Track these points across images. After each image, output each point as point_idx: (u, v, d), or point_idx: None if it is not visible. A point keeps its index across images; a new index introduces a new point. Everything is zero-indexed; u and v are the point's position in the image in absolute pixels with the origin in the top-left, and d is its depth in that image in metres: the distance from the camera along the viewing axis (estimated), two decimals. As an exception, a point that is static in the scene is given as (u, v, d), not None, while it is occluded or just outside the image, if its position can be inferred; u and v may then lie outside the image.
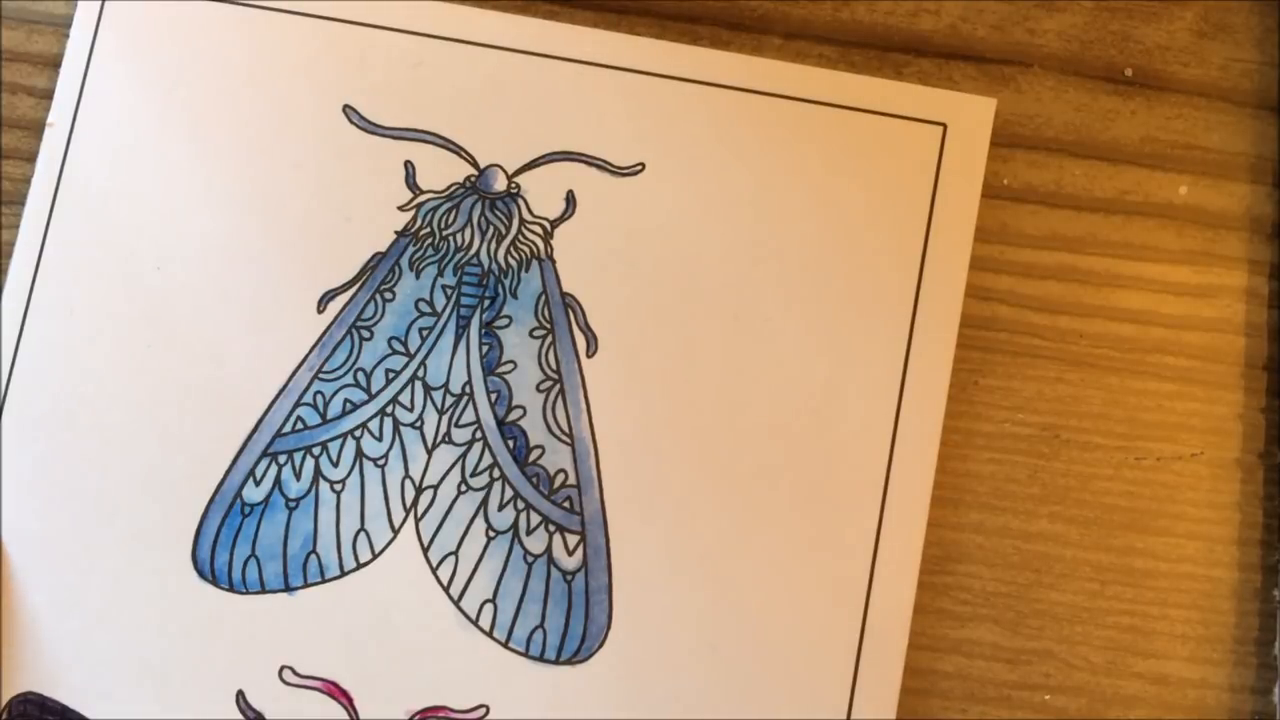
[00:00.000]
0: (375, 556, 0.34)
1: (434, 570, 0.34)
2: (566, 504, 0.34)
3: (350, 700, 0.33)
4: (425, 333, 0.35)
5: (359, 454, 0.35)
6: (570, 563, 0.34)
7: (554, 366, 0.35)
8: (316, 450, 0.35)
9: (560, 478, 0.35)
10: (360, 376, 0.35)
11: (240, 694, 0.33)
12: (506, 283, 0.36)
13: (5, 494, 0.34)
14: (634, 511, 0.34)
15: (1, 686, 0.33)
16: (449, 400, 0.35)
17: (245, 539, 0.34)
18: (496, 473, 0.35)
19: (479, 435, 0.35)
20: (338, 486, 0.34)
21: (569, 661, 0.34)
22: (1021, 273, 0.36)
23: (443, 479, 0.35)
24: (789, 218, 0.35)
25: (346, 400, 0.35)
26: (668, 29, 0.37)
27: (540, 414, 0.35)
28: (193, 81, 0.36)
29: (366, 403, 0.35)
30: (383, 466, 0.35)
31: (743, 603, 0.34)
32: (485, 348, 0.35)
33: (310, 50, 0.36)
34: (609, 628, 0.34)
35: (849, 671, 0.34)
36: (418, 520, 0.34)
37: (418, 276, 0.35)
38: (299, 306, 0.35)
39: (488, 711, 0.33)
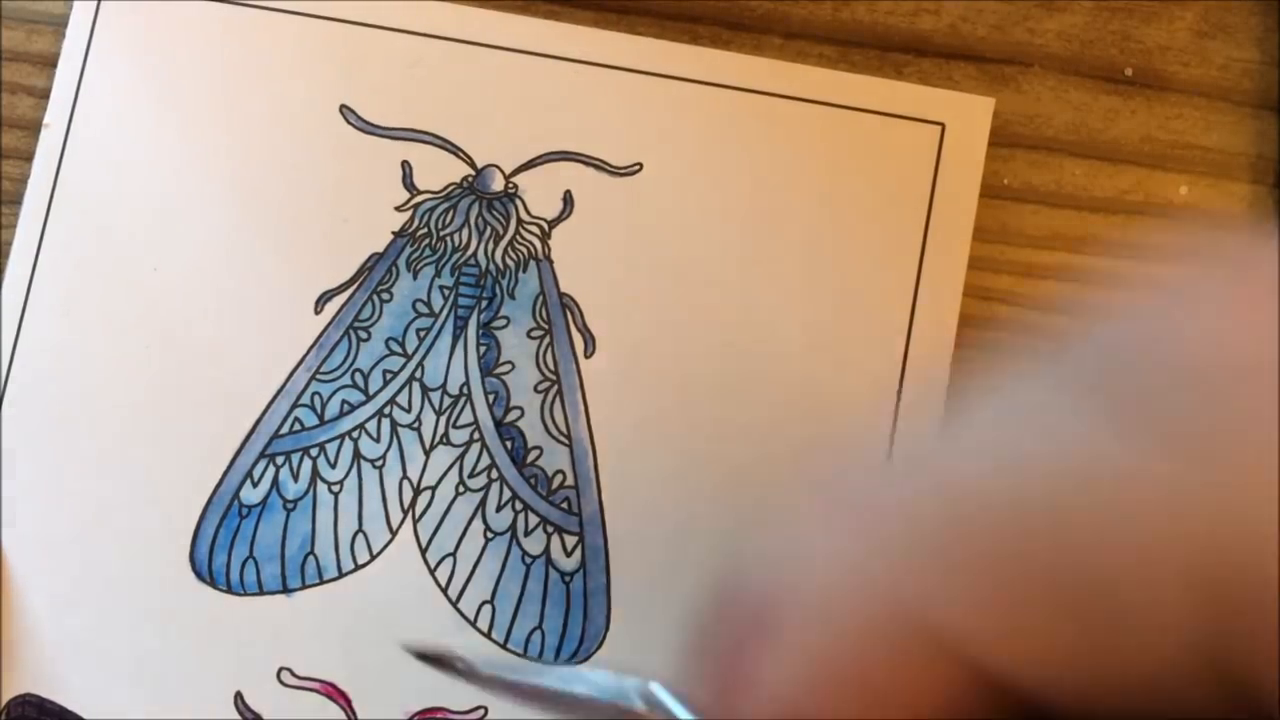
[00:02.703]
0: (373, 558, 0.34)
1: (432, 571, 0.34)
2: (564, 505, 0.34)
3: (348, 701, 0.33)
4: (423, 333, 0.35)
5: (356, 455, 0.35)
6: (568, 564, 0.34)
7: (552, 367, 0.35)
8: (314, 451, 0.35)
9: (558, 479, 0.34)
10: (358, 377, 0.35)
11: (238, 695, 0.33)
12: (504, 283, 0.35)
13: (4, 496, 0.34)
14: (632, 512, 0.34)
15: (0, 688, 0.33)
16: (446, 401, 0.35)
17: (243, 540, 0.34)
18: (494, 474, 0.35)
19: (477, 436, 0.35)
20: (335, 488, 0.34)
21: (567, 663, 0.34)
22: (1021, 272, 0.36)
23: (440, 480, 0.35)
24: (787, 218, 0.35)
25: (344, 401, 0.35)
26: (667, 29, 0.37)
27: (538, 415, 0.35)
28: (189, 81, 0.36)
29: (364, 404, 0.35)
30: (380, 468, 0.35)
31: (741, 604, 0.34)
32: (483, 348, 0.35)
33: (307, 50, 0.36)
34: (607, 629, 0.34)
35: (849, 671, 0.34)
36: (415, 521, 0.34)
37: (415, 277, 0.35)
38: (296, 307, 0.35)
39: (486, 713, 0.33)
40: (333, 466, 0.34)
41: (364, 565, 0.34)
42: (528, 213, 0.36)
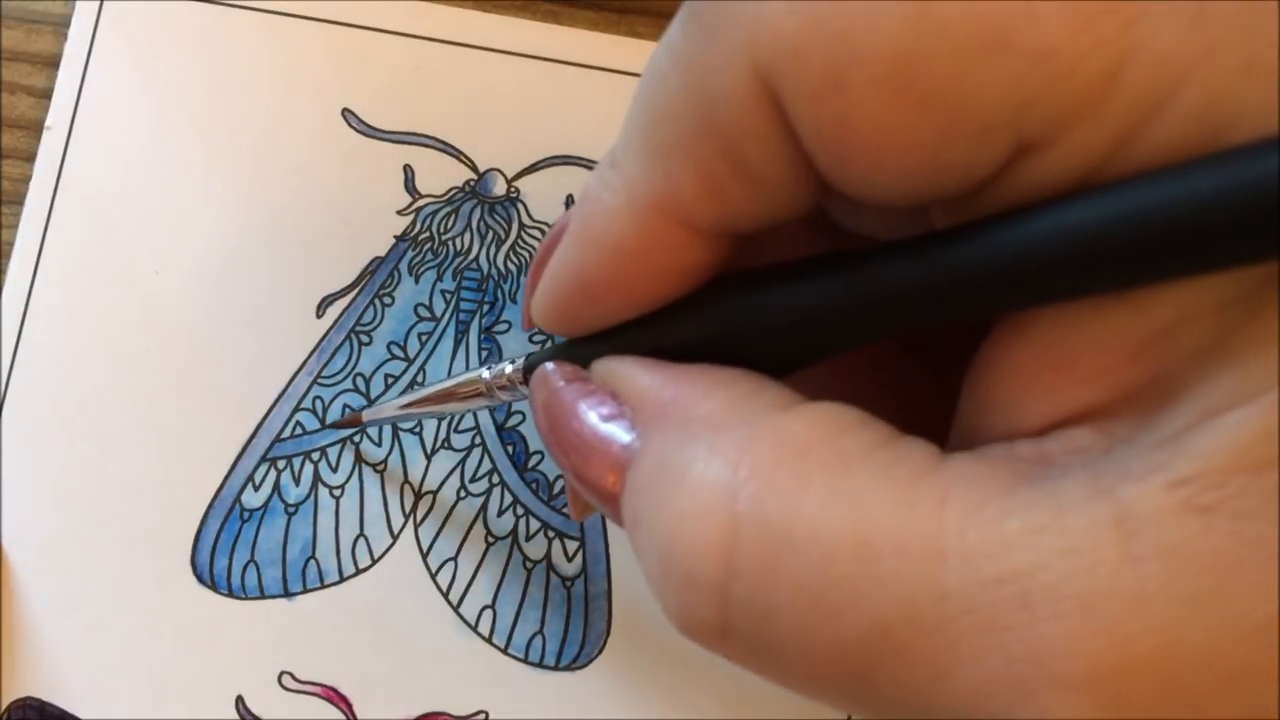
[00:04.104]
0: (375, 562, 0.34)
1: (433, 576, 0.34)
2: (566, 510, 0.34)
3: (349, 705, 0.33)
4: (424, 338, 0.35)
5: (358, 459, 0.35)
6: (569, 569, 0.34)
7: (553, 372, 0.35)
8: (315, 455, 0.35)
9: (559, 483, 0.34)
10: (359, 381, 0.35)
11: (240, 699, 0.33)
12: (506, 287, 0.35)
13: (5, 498, 0.34)
14: (633, 517, 0.34)
15: (1, 691, 0.33)
16: (448, 406, 0.35)
17: (244, 544, 0.34)
18: (496, 478, 0.34)
19: (478, 441, 0.35)
20: (337, 492, 0.34)
21: (568, 668, 0.34)
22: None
23: (442, 484, 0.34)
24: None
25: (346, 405, 0.35)
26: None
27: (540, 419, 0.35)
28: (191, 84, 0.36)
29: (366, 408, 0.35)
30: (382, 472, 0.34)
31: (742, 608, 0.34)
32: (485, 353, 0.35)
33: (309, 53, 0.36)
34: (608, 634, 0.34)
35: (849, 673, 0.34)
36: (417, 526, 0.34)
37: (417, 281, 0.35)
38: (298, 311, 0.35)
39: (486, 717, 0.33)
40: (334, 470, 0.34)
41: (365, 569, 0.34)
42: (530, 216, 0.36)
